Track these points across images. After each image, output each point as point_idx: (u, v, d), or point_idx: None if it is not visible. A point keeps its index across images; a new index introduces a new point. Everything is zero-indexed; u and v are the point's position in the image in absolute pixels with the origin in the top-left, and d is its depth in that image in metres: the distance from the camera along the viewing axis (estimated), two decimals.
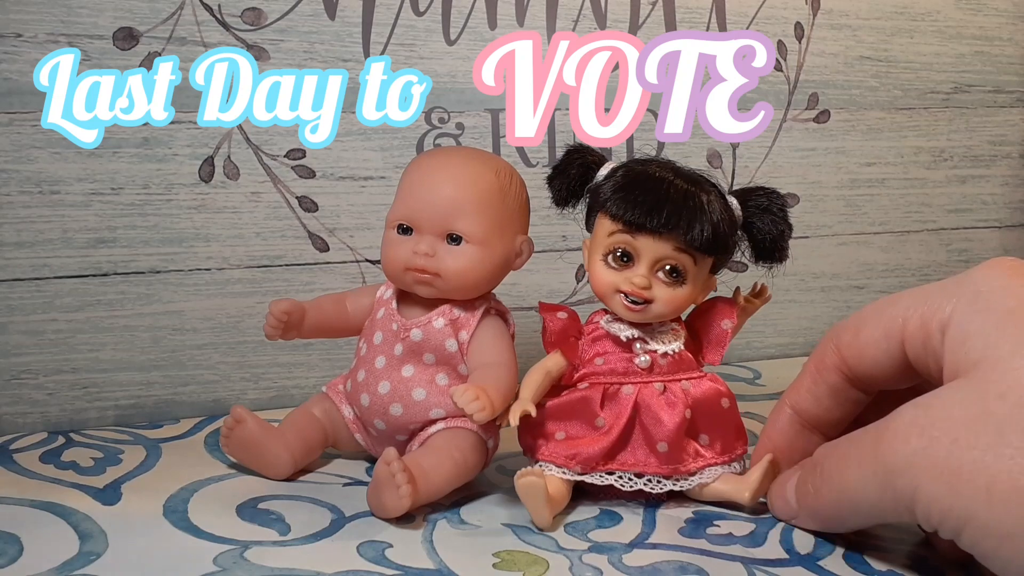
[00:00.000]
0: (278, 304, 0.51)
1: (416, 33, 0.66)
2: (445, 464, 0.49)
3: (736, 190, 0.51)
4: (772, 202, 0.50)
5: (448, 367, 0.51)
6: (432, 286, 0.50)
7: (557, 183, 0.51)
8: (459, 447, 0.50)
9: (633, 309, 0.48)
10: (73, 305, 0.61)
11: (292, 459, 0.51)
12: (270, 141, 0.64)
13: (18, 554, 0.43)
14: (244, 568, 0.42)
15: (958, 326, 0.39)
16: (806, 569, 0.44)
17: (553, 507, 0.47)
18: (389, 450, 0.46)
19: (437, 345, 0.51)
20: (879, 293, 0.82)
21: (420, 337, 0.51)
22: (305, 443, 0.52)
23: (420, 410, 0.51)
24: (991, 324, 0.38)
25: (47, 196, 0.60)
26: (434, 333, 0.51)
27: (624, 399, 0.49)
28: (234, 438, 0.51)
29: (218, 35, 0.62)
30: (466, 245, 0.50)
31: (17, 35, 0.58)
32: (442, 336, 0.51)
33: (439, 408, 0.51)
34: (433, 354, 0.51)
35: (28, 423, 0.61)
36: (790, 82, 0.76)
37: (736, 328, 0.51)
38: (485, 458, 0.52)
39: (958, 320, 0.39)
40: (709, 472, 0.50)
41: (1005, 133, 0.83)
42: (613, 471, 0.49)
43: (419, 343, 0.51)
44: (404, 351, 0.51)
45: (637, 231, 0.47)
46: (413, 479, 0.46)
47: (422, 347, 0.51)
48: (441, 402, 0.51)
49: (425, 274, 0.50)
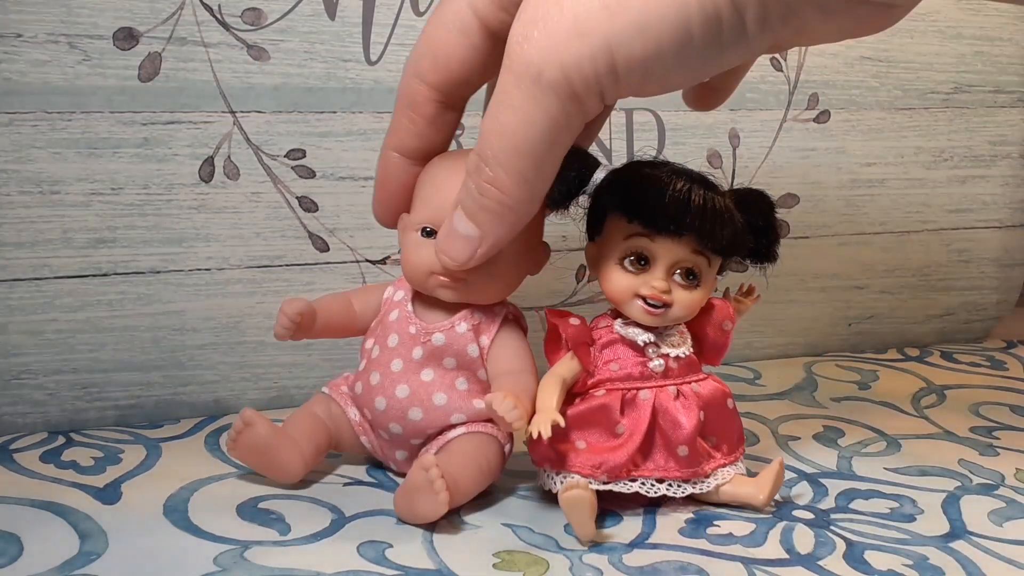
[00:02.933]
0: (291, 304, 0.51)
1: (416, 33, 0.66)
2: (472, 469, 0.48)
3: (728, 191, 0.51)
4: (764, 203, 0.51)
5: (468, 372, 0.51)
6: (456, 291, 0.49)
7: (556, 185, 0.51)
8: (484, 453, 0.50)
9: (653, 313, 0.48)
10: (73, 305, 0.61)
11: (304, 463, 0.51)
12: (270, 141, 0.64)
13: (18, 554, 0.43)
14: (244, 568, 0.42)
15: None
16: (806, 569, 0.44)
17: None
18: (427, 456, 0.46)
19: (459, 350, 0.50)
20: (879, 293, 0.82)
21: (443, 342, 0.50)
22: (315, 446, 0.52)
23: (440, 415, 0.50)
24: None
25: (47, 196, 0.60)
26: (457, 338, 0.50)
27: (642, 404, 0.49)
28: (242, 442, 0.50)
29: (218, 35, 0.62)
30: None
31: (17, 35, 0.58)
32: (464, 341, 0.50)
33: (460, 413, 0.50)
34: (454, 359, 0.50)
35: (28, 423, 0.61)
36: (790, 82, 0.76)
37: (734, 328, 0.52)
38: (504, 462, 0.52)
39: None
40: (722, 473, 0.50)
41: (1005, 133, 0.83)
42: (636, 478, 0.49)
43: (441, 347, 0.50)
44: (424, 355, 0.50)
45: (657, 234, 0.47)
46: (448, 485, 0.46)
47: (443, 352, 0.50)
48: (462, 407, 0.50)
49: (451, 279, 0.49)
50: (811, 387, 0.72)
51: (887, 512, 0.51)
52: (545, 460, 0.49)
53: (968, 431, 0.63)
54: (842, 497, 0.52)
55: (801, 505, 0.51)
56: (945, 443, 0.61)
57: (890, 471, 0.56)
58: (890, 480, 0.55)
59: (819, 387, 0.72)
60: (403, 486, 0.47)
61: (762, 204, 0.51)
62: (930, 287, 0.84)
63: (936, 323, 0.85)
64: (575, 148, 0.52)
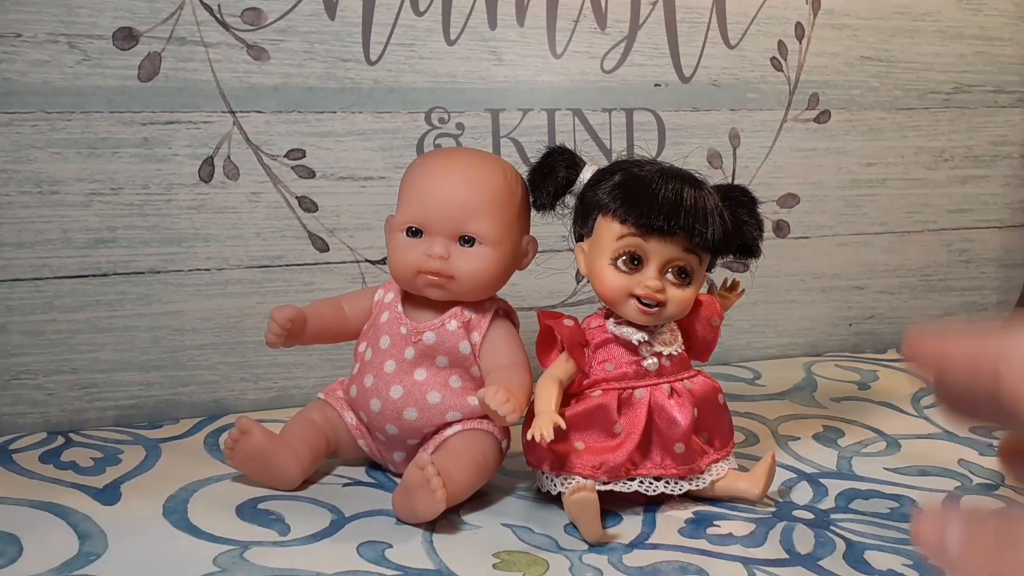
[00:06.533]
0: (281, 311, 0.50)
1: (416, 33, 0.66)
2: (468, 466, 0.48)
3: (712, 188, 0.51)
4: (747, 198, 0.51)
5: (461, 369, 0.51)
6: (445, 288, 0.50)
7: (546, 185, 0.51)
8: (480, 449, 0.50)
9: (648, 312, 0.48)
10: (73, 305, 0.61)
11: (301, 469, 0.51)
12: (270, 141, 0.64)
13: (18, 554, 0.43)
14: (244, 568, 0.42)
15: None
16: (806, 569, 0.44)
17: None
18: (423, 455, 0.46)
19: (451, 348, 0.50)
20: (879, 293, 0.82)
21: (434, 340, 0.50)
22: (312, 452, 0.52)
23: (436, 413, 0.50)
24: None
25: (47, 196, 0.60)
26: (448, 336, 0.50)
27: (638, 403, 0.49)
28: (240, 450, 0.50)
29: (218, 35, 0.62)
30: (479, 247, 0.49)
31: (17, 35, 0.58)
32: (456, 338, 0.50)
33: (455, 411, 0.50)
34: (446, 356, 0.50)
35: (28, 423, 0.61)
36: (790, 82, 0.76)
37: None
38: (501, 458, 0.52)
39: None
40: (716, 469, 0.50)
41: (1006, 133, 0.83)
42: (635, 477, 0.49)
43: (432, 346, 0.50)
44: (416, 355, 0.50)
45: (649, 234, 0.47)
46: (445, 483, 0.46)
47: (435, 350, 0.50)
48: (457, 404, 0.50)
49: (439, 277, 0.49)
50: (811, 387, 0.72)
51: (887, 512, 0.50)
52: (543, 462, 0.49)
53: (968, 431, 0.63)
54: (842, 497, 0.52)
55: (801, 505, 0.51)
56: (945, 443, 0.61)
57: (890, 471, 0.56)
58: (890, 480, 0.55)
59: (819, 387, 0.72)
60: (401, 486, 0.47)
61: (745, 200, 0.51)
62: (930, 287, 0.84)
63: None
64: (561, 147, 0.52)
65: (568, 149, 0.52)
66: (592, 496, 0.45)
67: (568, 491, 0.46)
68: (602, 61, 0.71)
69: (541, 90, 0.70)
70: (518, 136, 0.69)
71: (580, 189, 0.50)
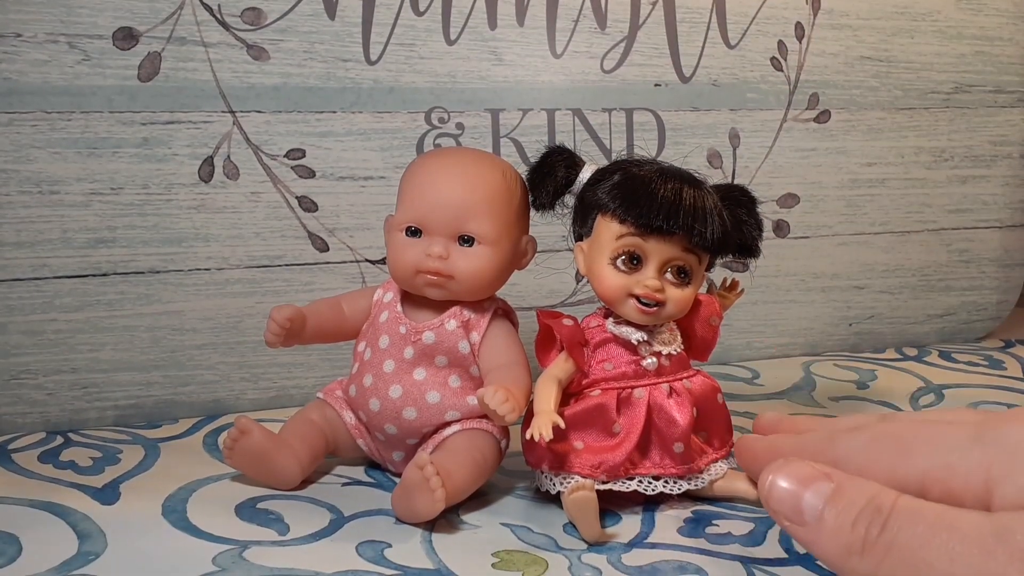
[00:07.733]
0: (280, 311, 0.50)
1: (416, 33, 0.66)
2: (468, 466, 0.48)
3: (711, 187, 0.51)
4: (746, 198, 0.51)
5: (460, 369, 0.51)
6: (444, 288, 0.50)
7: (545, 185, 0.51)
8: (479, 448, 0.50)
9: (647, 312, 0.48)
10: (73, 305, 0.61)
11: (301, 469, 0.51)
12: (270, 141, 0.64)
13: (17, 554, 0.43)
14: (243, 568, 0.42)
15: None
16: (805, 569, 0.44)
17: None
18: (422, 455, 0.46)
19: (450, 347, 0.50)
20: (879, 293, 0.82)
21: (433, 340, 0.50)
22: (311, 452, 0.52)
23: (435, 413, 0.50)
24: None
25: (47, 196, 0.60)
26: (447, 335, 0.50)
27: (637, 403, 0.49)
28: (239, 450, 0.50)
29: (218, 35, 0.62)
30: (478, 246, 0.50)
31: (17, 35, 0.58)
32: (455, 338, 0.50)
33: (454, 410, 0.50)
34: (445, 356, 0.51)
35: (27, 423, 0.61)
36: (790, 82, 0.76)
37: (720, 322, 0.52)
38: (500, 458, 0.52)
39: None
40: (715, 468, 0.50)
41: (1006, 133, 0.83)
42: (633, 476, 0.49)
43: (432, 346, 0.50)
44: (415, 354, 0.51)
45: (648, 234, 0.47)
46: (444, 482, 0.46)
47: (434, 350, 0.50)
48: (456, 404, 0.50)
49: (439, 276, 0.49)
50: (809, 386, 0.72)
51: None
52: (542, 461, 0.49)
53: None
54: None
55: None
56: None
57: None
58: None
59: (817, 387, 0.72)
60: (400, 486, 0.47)
61: (745, 200, 0.51)
62: (930, 287, 0.84)
63: (936, 323, 0.85)
64: (560, 147, 0.52)
65: (567, 149, 0.52)
66: (591, 495, 0.45)
67: (567, 490, 0.46)
68: (602, 61, 0.71)
69: (541, 90, 0.70)
70: (518, 136, 0.69)
71: (579, 189, 0.50)
